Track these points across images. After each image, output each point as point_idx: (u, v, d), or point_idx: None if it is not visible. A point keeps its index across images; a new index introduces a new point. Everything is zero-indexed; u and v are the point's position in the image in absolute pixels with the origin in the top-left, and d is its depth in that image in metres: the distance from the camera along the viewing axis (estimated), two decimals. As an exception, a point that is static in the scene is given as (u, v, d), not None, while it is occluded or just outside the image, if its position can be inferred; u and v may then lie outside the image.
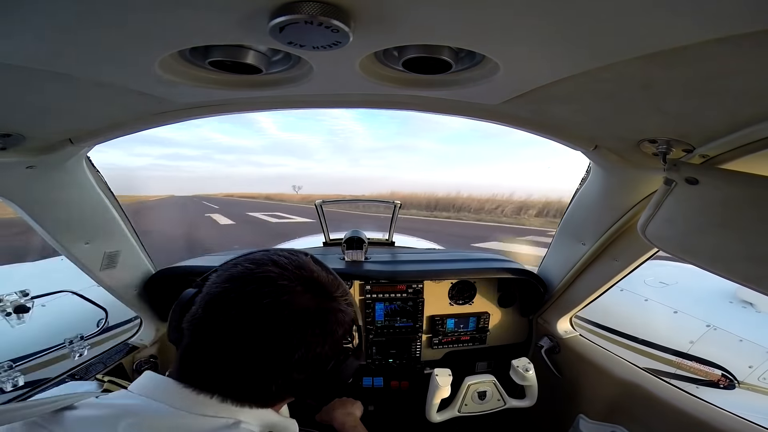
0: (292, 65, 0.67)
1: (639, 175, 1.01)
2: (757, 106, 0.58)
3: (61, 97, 0.71)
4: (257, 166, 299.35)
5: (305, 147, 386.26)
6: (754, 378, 2.51)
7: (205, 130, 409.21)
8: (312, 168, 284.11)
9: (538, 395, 1.51)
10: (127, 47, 0.54)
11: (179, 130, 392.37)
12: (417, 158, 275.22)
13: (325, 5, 0.43)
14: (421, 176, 48.58)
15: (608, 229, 1.23)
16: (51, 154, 0.92)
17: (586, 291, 1.51)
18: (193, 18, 0.47)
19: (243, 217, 21.21)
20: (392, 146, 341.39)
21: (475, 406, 1.48)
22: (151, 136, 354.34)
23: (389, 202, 1.97)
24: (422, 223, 19.75)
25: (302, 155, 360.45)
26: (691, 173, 0.71)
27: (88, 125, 0.90)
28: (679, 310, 3.01)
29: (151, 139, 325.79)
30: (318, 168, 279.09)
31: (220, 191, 78.14)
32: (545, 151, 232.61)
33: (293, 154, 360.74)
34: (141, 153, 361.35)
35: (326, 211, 1.94)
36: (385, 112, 1.30)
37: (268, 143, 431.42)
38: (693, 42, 0.44)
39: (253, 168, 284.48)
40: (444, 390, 1.42)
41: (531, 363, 1.49)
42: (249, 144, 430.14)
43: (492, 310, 1.81)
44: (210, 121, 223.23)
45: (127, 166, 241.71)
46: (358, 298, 1.75)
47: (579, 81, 0.61)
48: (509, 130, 1.00)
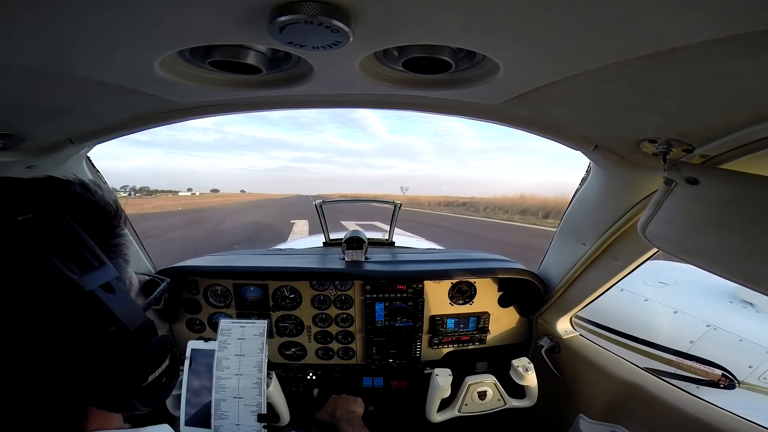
0: (292, 65, 0.67)
1: (639, 175, 1.01)
2: (757, 106, 0.58)
3: (61, 97, 0.71)
4: (371, 168, 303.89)
5: (412, 149, 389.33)
6: (755, 378, 2.51)
7: (326, 134, 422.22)
8: (419, 169, 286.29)
9: (538, 395, 1.51)
10: (127, 47, 0.54)
11: (305, 135, 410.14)
12: (534, 159, 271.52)
13: (325, 5, 0.43)
14: (543, 178, 44.33)
15: (608, 229, 1.23)
16: (51, 154, 0.92)
17: (586, 291, 1.51)
18: (194, 18, 0.47)
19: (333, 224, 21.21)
20: (502, 147, 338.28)
21: (475, 406, 1.48)
22: (283, 141, 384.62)
23: (389, 202, 1.97)
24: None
25: (410, 157, 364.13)
26: (691, 173, 0.71)
27: (88, 125, 0.90)
28: (679, 310, 3.01)
29: (282, 143, 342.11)
30: (425, 169, 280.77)
31: (336, 192, 79.21)
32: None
33: (401, 156, 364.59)
34: (276, 156, 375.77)
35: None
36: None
37: (379, 146, 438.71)
38: (693, 42, 0.44)
39: (367, 170, 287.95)
40: (444, 390, 1.42)
41: (531, 363, 1.49)
42: (363, 147, 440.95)
43: (492, 310, 1.81)
44: (330, 126, 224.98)
45: (265, 168, 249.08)
46: (358, 298, 1.76)
47: (579, 81, 0.61)
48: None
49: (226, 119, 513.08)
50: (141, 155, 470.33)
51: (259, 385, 1.25)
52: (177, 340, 1.80)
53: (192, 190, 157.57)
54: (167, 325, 1.76)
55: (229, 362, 1.28)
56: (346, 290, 1.75)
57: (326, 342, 1.79)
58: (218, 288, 1.73)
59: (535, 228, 21.19)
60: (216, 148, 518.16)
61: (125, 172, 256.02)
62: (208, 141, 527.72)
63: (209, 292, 1.73)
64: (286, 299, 1.74)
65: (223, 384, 1.27)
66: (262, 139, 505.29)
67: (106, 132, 0.94)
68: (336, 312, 1.76)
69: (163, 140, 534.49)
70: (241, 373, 1.27)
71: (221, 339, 1.29)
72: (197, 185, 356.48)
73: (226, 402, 1.26)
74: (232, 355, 1.28)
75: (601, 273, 1.41)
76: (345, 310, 1.76)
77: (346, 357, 1.81)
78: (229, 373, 1.27)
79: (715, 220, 0.70)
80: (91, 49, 0.53)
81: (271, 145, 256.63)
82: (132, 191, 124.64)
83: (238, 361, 1.27)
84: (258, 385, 1.25)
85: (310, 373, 1.82)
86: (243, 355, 1.28)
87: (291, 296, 1.74)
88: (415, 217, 28.33)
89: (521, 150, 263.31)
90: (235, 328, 1.31)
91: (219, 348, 1.29)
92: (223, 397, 1.26)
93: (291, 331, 1.77)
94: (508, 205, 37.80)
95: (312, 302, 1.75)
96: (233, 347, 1.29)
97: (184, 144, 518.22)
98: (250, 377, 1.26)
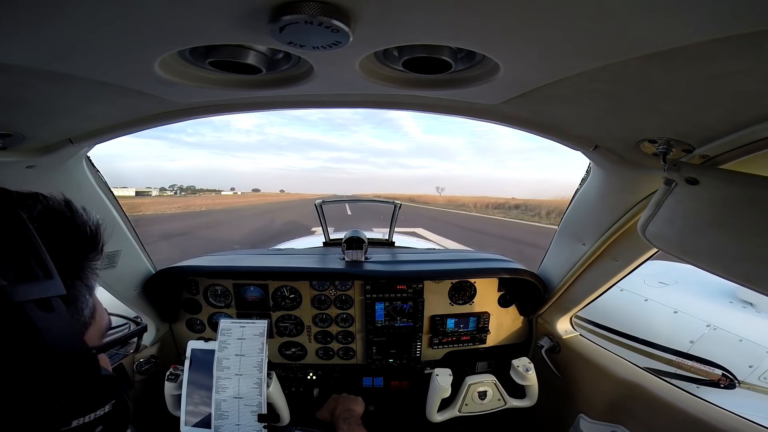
0: (292, 65, 0.67)
1: (639, 175, 1.01)
2: (757, 106, 0.58)
3: (61, 97, 0.71)
4: (404, 168, 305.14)
5: (448, 149, 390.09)
6: (755, 378, 2.51)
7: (361, 135, 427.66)
8: (455, 169, 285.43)
9: (539, 395, 1.51)
10: (127, 47, 0.54)
11: (341, 135, 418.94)
12: (575, 160, 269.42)
13: (325, 5, 0.43)
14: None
15: (608, 229, 1.23)
16: (51, 154, 0.92)
17: (586, 291, 1.51)
18: (193, 18, 0.47)
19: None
20: (542, 147, 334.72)
21: (475, 406, 1.48)
22: (320, 142, 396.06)
23: (389, 201, 1.97)
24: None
25: (445, 157, 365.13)
26: (691, 173, 0.71)
27: (88, 125, 0.90)
28: (679, 310, 3.01)
29: (320, 144, 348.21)
30: (461, 169, 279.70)
31: (369, 192, 78.88)
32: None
33: (436, 156, 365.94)
34: (314, 156, 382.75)
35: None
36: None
37: (413, 146, 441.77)
38: (693, 42, 0.44)
39: (401, 170, 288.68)
40: (444, 390, 1.42)
41: (531, 363, 1.49)
42: (397, 147, 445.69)
43: (492, 310, 1.81)
44: (364, 127, 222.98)
45: (303, 168, 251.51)
46: (358, 298, 1.76)
47: (579, 81, 0.61)
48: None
49: (267, 122, 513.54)
50: (190, 156, 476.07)
51: (259, 385, 1.25)
52: (177, 340, 1.80)
53: (234, 190, 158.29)
54: (167, 325, 1.76)
55: (229, 362, 1.28)
56: (346, 290, 1.75)
57: (326, 342, 1.79)
58: (218, 288, 1.73)
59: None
60: (257, 149, 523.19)
61: (176, 172, 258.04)
62: (250, 142, 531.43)
63: (209, 292, 1.73)
64: (286, 299, 1.75)
65: (224, 384, 1.26)
66: (300, 140, 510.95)
67: (106, 132, 0.94)
68: (336, 312, 1.77)
69: (209, 141, 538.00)
70: (241, 373, 1.26)
71: (221, 339, 1.29)
72: (240, 185, 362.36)
73: (227, 402, 1.25)
74: (232, 355, 1.28)
75: (601, 273, 1.41)
76: (345, 310, 1.77)
77: (346, 357, 1.81)
78: (229, 373, 1.27)
79: (715, 221, 0.69)
80: (91, 49, 0.53)
81: (309, 146, 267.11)
82: (179, 190, 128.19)
83: (238, 361, 1.27)
84: (258, 385, 1.25)
85: (310, 373, 1.82)
86: (243, 355, 1.27)
87: (291, 296, 1.74)
88: (481, 225, 22.81)
89: (561, 149, 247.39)
90: (235, 328, 1.30)
91: (219, 348, 1.29)
92: (223, 398, 1.26)
93: (291, 331, 1.77)
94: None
95: (312, 302, 1.75)
96: (233, 347, 1.29)
97: (229, 145, 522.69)
98: (251, 377, 1.25)
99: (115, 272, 1.39)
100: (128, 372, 1.53)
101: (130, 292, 1.50)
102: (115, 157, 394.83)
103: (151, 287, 1.56)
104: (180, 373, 1.37)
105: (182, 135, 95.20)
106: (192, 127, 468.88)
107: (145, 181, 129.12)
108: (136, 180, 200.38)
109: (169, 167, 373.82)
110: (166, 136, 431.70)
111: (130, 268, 1.47)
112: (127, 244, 1.41)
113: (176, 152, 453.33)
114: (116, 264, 1.37)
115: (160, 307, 1.66)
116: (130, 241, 1.42)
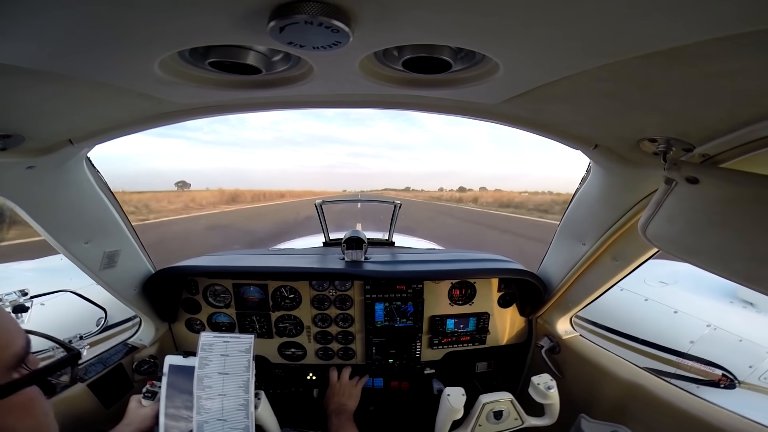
0: (292, 65, 0.67)
1: (639, 175, 1.01)
2: (757, 106, 0.58)
3: (61, 98, 0.71)
4: (421, 162, 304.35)
5: (465, 142, 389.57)
6: (755, 378, 2.51)
7: (377, 129, 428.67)
8: (472, 163, 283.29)
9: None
10: (127, 48, 0.54)
11: (357, 130, 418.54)
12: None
13: (325, 5, 0.43)
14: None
15: (608, 228, 1.23)
16: (51, 155, 0.92)
17: (586, 291, 1.51)
18: (193, 18, 0.47)
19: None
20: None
21: (490, 427, 1.33)
22: (336, 137, 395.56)
23: (389, 201, 1.97)
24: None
25: (462, 150, 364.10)
26: (692, 172, 0.70)
27: (88, 125, 0.90)
28: (679, 310, 3.01)
29: (336, 139, 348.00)
30: (478, 163, 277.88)
31: (384, 188, 75.65)
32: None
33: (454, 149, 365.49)
34: (330, 152, 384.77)
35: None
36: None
37: (430, 140, 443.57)
38: (692, 42, 0.44)
39: (417, 164, 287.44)
40: (457, 412, 1.27)
41: (554, 380, 1.37)
42: (413, 141, 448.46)
43: (492, 310, 1.81)
44: (379, 121, 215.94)
45: (320, 164, 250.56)
46: (358, 298, 1.76)
47: (579, 80, 0.61)
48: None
49: (281, 118, 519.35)
50: (207, 154, 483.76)
51: (245, 407, 1.12)
52: (176, 340, 1.80)
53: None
54: (167, 325, 1.76)
55: (211, 381, 1.15)
56: (346, 290, 1.75)
57: (326, 342, 1.79)
58: (218, 288, 1.73)
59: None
60: (273, 146, 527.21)
61: (194, 170, 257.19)
62: (265, 139, 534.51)
63: (209, 292, 1.73)
64: (285, 299, 1.74)
65: (205, 405, 1.14)
66: (316, 136, 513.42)
67: (106, 132, 0.94)
68: (336, 312, 1.76)
69: (225, 139, 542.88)
70: (225, 393, 1.14)
71: (202, 355, 1.17)
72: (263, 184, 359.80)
73: (209, 425, 1.13)
74: (215, 373, 1.15)
75: (601, 273, 1.41)
76: (345, 310, 1.76)
77: (346, 357, 1.81)
78: (211, 393, 1.14)
79: (716, 220, 0.69)
80: (91, 49, 0.53)
81: (325, 141, 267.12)
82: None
83: (221, 380, 1.14)
84: (244, 407, 1.12)
85: (309, 373, 1.82)
86: (227, 374, 1.15)
87: (290, 296, 1.74)
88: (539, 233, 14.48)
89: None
90: (218, 343, 1.18)
91: (199, 365, 1.16)
92: (205, 419, 1.14)
93: (291, 331, 1.77)
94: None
95: (312, 302, 1.75)
96: (216, 364, 1.16)
97: (246, 142, 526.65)
98: (235, 398, 1.13)
99: (115, 272, 1.39)
100: (127, 372, 1.53)
101: (130, 292, 1.50)
102: (144, 156, 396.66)
103: (151, 287, 1.56)
104: (157, 390, 1.26)
105: (199, 133, 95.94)
106: (208, 126, 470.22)
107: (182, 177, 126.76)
108: (173, 176, 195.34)
109: (188, 165, 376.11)
110: (184, 135, 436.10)
111: (129, 268, 1.47)
112: (127, 244, 1.41)
113: (194, 150, 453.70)
114: (116, 264, 1.37)
115: (159, 306, 1.66)
116: (130, 241, 1.42)
